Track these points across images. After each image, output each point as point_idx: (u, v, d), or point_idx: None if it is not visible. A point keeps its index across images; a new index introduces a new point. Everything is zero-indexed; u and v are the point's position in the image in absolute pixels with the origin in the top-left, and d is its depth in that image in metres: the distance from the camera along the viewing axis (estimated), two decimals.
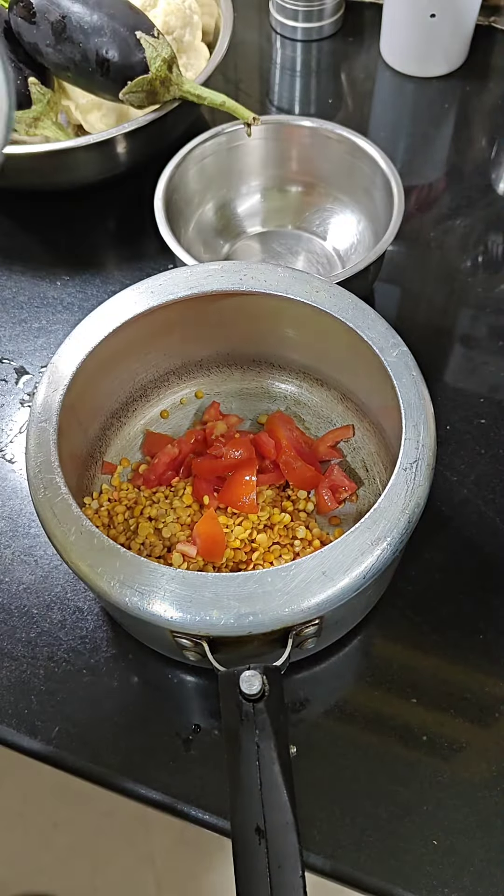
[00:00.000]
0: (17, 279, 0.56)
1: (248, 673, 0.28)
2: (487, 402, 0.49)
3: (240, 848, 0.26)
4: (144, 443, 0.43)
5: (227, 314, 0.41)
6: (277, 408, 0.44)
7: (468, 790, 0.36)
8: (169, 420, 0.45)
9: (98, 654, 0.40)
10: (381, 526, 0.31)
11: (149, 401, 0.45)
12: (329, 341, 0.40)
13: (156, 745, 0.38)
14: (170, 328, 0.41)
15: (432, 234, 0.58)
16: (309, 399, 0.45)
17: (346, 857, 0.35)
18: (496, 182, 0.61)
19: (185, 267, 0.40)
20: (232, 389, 0.46)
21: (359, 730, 0.38)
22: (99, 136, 0.51)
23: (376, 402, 0.40)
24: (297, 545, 0.38)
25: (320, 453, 0.42)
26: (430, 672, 0.39)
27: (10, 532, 0.44)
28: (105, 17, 0.48)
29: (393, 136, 0.65)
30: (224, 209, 0.57)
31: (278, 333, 0.42)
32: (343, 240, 0.55)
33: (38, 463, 0.33)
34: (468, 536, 0.43)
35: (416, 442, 0.33)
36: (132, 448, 0.44)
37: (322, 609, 0.29)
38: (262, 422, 0.44)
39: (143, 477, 0.41)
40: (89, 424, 0.41)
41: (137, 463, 0.43)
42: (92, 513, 0.39)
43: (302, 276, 0.39)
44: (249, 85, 0.70)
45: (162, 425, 0.45)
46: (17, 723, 0.38)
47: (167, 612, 0.29)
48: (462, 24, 0.65)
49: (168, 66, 0.50)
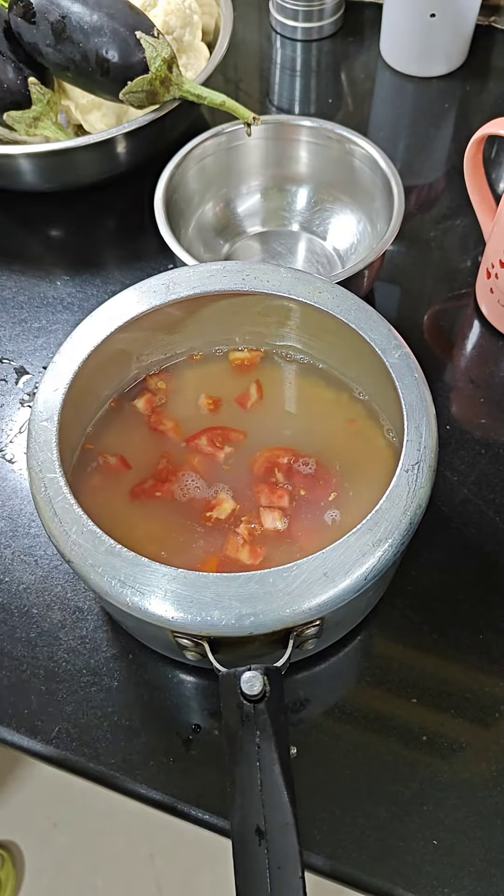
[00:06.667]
0: (17, 279, 0.56)
1: (249, 674, 0.28)
2: (487, 402, 0.49)
3: (239, 848, 0.26)
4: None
5: (228, 314, 0.41)
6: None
7: (468, 790, 0.36)
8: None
9: (98, 654, 0.40)
10: (382, 527, 0.31)
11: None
12: (331, 342, 0.40)
13: (156, 745, 0.38)
14: (171, 328, 0.41)
15: (432, 234, 0.58)
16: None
17: (346, 857, 0.35)
18: (496, 182, 0.61)
19: (187, 267, 0.40)
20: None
21: (359, 730, 0.38)
22: (99, 136, 0.51)
23: (378, 402, 0.40)
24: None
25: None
26: (431, 672, 0.39)
27: (10, 532, 0.44)
28: (105, 17, 0.48)
29: (393, 136, 0.65)
30: (224, 209, 0.57)
31: (279, 334, 0.42)
32: (343, 240, 0.55)
33: (38, 462, 0.33)
34: (468, 536, 0.43)
35: (418, 443, 0.33)
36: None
37: (323, 610, 0.29)
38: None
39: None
40: (90, 424, 0.41)
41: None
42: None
43: (304, 276, 0.39)
44: (249, 85, 0.70)
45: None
46: (17, 723, 0.38)
47: (168, 612, 0.29)
48: (462, 24, 0.65)
49: (168, 66, 0.50)
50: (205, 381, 0.43)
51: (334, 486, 0.39)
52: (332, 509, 0.38)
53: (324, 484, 0.39)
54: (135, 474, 0.40)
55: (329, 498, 0.38)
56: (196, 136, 0.52)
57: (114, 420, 0.42)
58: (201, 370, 0.44)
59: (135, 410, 0.42)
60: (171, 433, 0.41)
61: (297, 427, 0.42)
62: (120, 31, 0.48)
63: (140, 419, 0.42)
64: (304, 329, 0.41)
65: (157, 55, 0.49)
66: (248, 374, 0.43)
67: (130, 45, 0.49)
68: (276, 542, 0.37)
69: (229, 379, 0.43)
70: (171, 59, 0.50)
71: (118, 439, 0.41)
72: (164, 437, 0.41)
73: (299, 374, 0.43)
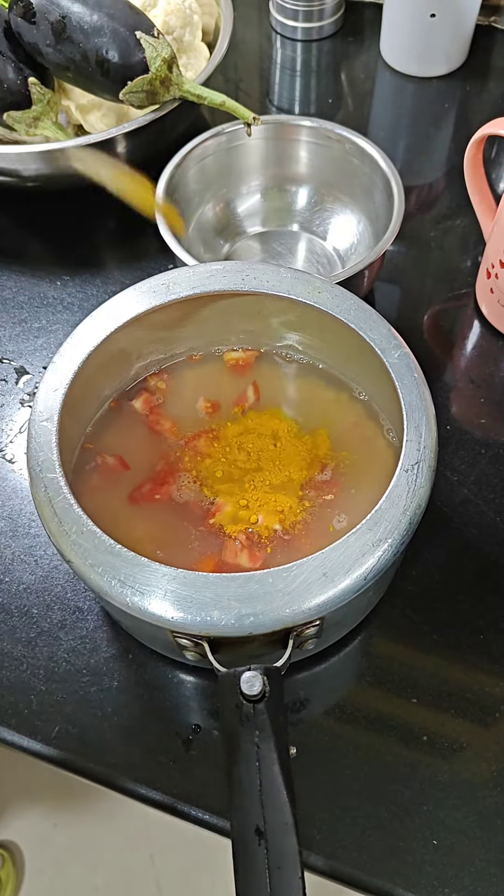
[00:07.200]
0: (17, 279, 0.56)
1: (249, 674, 0.28)
2: (488, 402, 0.49)
3: (239, 849, 0.26)
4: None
5: (228, 314, 0.41)
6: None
7: (469, 790, 0.36)
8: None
9: (98, 654, 0.40)
10: (381, 527, 0.31)
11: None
12: (330, 342, 0.40)
13: (156, 745, 0.38)
14: (170, 328, 0.41)
15: (432, 234, 0.58)
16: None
17: (346, 857, 0.35)
18: (496, 182, 0.61)
19: (187, 267, 0.40)
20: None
21: (359, 730, 0.38)
22: (99, 136, 0.51)
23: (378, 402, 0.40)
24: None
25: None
26: (431, 672, 0.39)
27: (10, 532, 0.44)
28: (105, 18, 0.48)
29: (393, 136, 0.65)
30: (224, 209, 0.57)
31: (279, 334, 0.42)
32: (343, 240, 0.55)
33: (38, 462, 0.33)
34: (468, 536, 0.43)
35: (418, 443, 0.33)
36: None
37: (323, 610, 0.29)
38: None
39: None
40: (90, 424, 0.41)
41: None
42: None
43: (304, 276, 0.39)
44: (249, 85, 0.70)
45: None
46: (17, 723, 0.38)
47: (167, 611, 0.29)
48: (462, 24, 0.65)
49: (168, 66, 0.50)
50: (204, 381, 0.43)
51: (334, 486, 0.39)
52: (332, 510, 0.38)
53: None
54: (134, 474, 0.40)
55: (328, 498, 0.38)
56: (196, 136, 0.52)
57: (113, 420, 0.42)
58: (201, 370, 0.44)
59: (133, 410, 0.42)
60: (168, 433, 0.41)
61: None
62: (120, 31, 0.48)
63: (139, 419, 0.42)
64: (303, 329, 0.41)
65: (157, 55, 0.49)
66: (247, 375, 0.43)
67: (130, 45, 0.49)
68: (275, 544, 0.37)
69: (228, 379, 0.43)
70: (171, 59, 0.50)
71: (118, 439, 0.41)
72: (162, 438, 0.41)
73: (299, 374, 0.43)
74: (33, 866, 1.00)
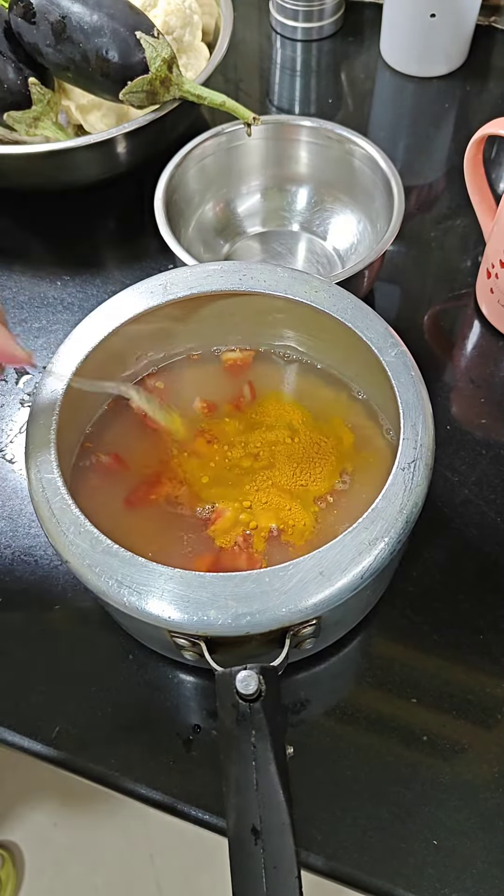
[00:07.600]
0: (17, 279, 0.56)
1: (245, 673, 0.28)
2: (488, 402, 0.49)
3: (235, 848, 0.26)
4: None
5: (226, 314, 0.41)
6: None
7: (470, 791, 0.36)
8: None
9: (98, 654, 0.40)
10: (378, 526, 0.31)
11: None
12: (328, 341, 0.40)
13: (156, 745, 0.37)
14: (169, 328, 0.41)
15: (432, 234, 0.58)
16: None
17: (346, 858, 0.35)
18: (496, 182, 0.61)
19: (185, 267, 0.40)
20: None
21: (360, 730, 0.38)
22: (99, 136, 0.51)
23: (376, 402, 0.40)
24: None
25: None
26: (431, 672, 0.39)
27: (10, 532, 0.44)
28: (105, 18, 0.48)
29: (393, 136, 0.65)
30: (224, 209, 0.57)
31: (277, 334, 0.42)
32: (343, 240, 0.55)
33: (37, 463, 0.33)
34: (469, 537, 0.43)
35: (415, 442, 0.33)
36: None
37: (319, 609, 0.29)
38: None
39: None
40: (88, 424, 0.41)
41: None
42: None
43: (301, 276, 0.39)
44: (249, 85, 0.70)
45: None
46: (17, 723, 0.38)
47: (165, 611, 0.29)
48: (462, 24, 0.65)
49: (168, 66, 0.50)
50: (202, 380, 0.43)
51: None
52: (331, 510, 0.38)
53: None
54: (132, 475, 0.40)
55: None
56: (196, 136, 0.52)
57: (112, 420, 0.42)
58: (199, 370, 0.44)
59: (132, 410, 0.42)
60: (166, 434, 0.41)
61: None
62: (120, 31, 0.48)
63: (137, 419, 0.42)
64: (301, 329, 0.41)
65: (157, 55, 0.49)
66: (245, 374, 0.43)
67: (130, 45, 0.49)
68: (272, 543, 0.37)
69: (226, 379, 0.43)
70: (171, 59, 0.50)
71: (116, 439, 0.41)
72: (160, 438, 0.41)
73: (297, 373, 0.43)
74: (33, 866, 1.00)
